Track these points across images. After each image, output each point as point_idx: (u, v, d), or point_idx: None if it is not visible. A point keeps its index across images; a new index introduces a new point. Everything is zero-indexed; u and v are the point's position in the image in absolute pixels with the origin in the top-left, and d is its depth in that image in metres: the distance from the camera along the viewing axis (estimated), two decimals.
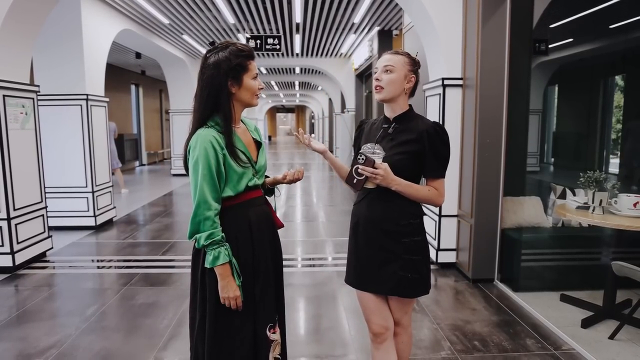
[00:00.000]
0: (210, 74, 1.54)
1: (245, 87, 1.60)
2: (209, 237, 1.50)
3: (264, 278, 1.65)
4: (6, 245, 3.98)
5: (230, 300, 1.54)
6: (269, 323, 1.65)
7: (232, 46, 1.57)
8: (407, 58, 1.70)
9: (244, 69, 1.58)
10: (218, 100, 1.56)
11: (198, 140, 1.52)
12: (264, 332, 1.63)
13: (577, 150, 5.99)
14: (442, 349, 2.66)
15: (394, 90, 1.68)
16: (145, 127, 14.86)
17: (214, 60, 1.55)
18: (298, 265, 4.38)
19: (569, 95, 6.28)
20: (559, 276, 3.59)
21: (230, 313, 1.58)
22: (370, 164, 1.61)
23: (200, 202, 1.50)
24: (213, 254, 1.51)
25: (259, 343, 1.62)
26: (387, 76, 1.67)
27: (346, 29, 8.52)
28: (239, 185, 1.59)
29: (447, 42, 3.91)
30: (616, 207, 2.93)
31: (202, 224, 1.51)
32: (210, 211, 1.51)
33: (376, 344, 1.78)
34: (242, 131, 1.67)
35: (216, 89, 1.55)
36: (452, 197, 4.04)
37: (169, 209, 7.25)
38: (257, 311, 1.62)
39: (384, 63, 1.69)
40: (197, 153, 1.51)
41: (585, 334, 2.81)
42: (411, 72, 1.70)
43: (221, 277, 1.53)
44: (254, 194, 1.66)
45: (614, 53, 5.31)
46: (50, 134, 5.40)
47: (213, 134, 1.53)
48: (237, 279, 1.56)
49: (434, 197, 1.69)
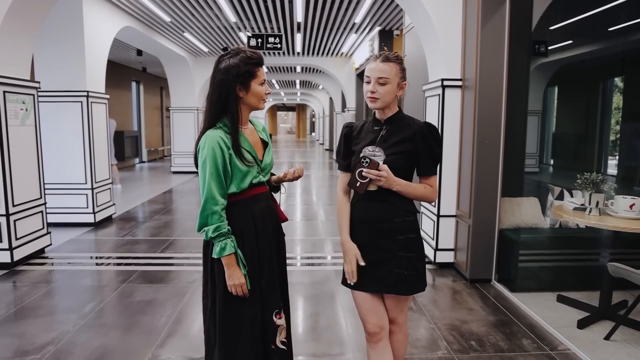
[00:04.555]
0: (221, 79, 1.66)
1: (253, 92, 1.70)
2: (216, 230, 1.62)
3: (269, 267, 1.76)
4: (4, 241, 3.99)
5: (237, 288, 1.66)
6: (275, 309, 1.76)
7: (242, 53, 1.68)
8: (398, 65, 1.71)
9: (252, 75, 1.68)
10: (227, 103, 1.67)
11: (207, 140, 1.64)
12: (270, 318, 1.74)
13: (576, 151, 6.00)
14: (439, 349, 2.67)
15: (388, 100, 1.72)
16: (146, 124, 14.87)
17: (225, 66, 1.66)
18: (297, 264, 4.39)
19: (568, 97, 6.29)
20: (555, 277, 3.61)
21: (239, 300, 1.69)
22: (375, 167, 1.64)
23: (208, 197, 1.62)
24: (220, 245, 1.63)
25: (267, 328, 1.74)
26: (382, 88, 1.69)
27: (347, 28, 8.53)
28: (243, 182, 1.69)
29: (446, 43, 3.92)
30: (613, 209, 2.94)
31: (209, 218, 1.63)
32: (217, 206, 1.63)
33: (372, 344, 1.79)
34: (250, 131, 1.78)
35: (225, 93, 1.66)
36: (450, 197, 4.05)
37: (169, 206, 7.27)
38: (264, 298, 1.74)
39: (378, 75, 1.68)
40: (205, 152, 1.63)
41: (581, 334, 2.83)
42: (402, 79, 1.73)
43: (227, 266, 1.65)
44: (258, 190, 1.77)
45: (613, 55, 5.32)
46: (50, 131, 5.41)
47: (220, 135, 1.65)
48: (242, 268, 1.67)
49: (430, 193, 1.75)
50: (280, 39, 7.88)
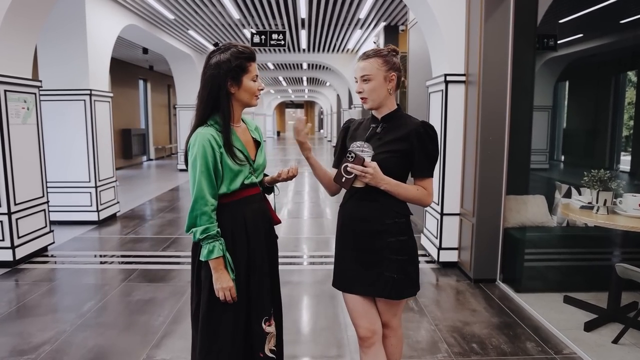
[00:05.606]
0: (211, 74, 1.60)
1: (245, 88, 1.64)
2: (205, 232, 1.56)
3: (260, 272, 1.68)
4: (7, 240, 4.01)
5: (224, 291, 1.58)
6: (265, 316, 1.67)
7: (233, 48, 1.62)
8: (380, 59, 1.64)
9: (244, 70, 1.62)
10: (218, 100, 1.61)
11: (197, 138, 1.58)
12: (259, 325, 1.66)
13: (587, 147, 5.86)
14: (439, 351, 2.60)
15: (379, 97, 1.66)
16: (153, 122, 14.95)
17: (216, 61, 1.60)
18: (304, 263, 4.34)
19: (579, 91, 6.14)
20: (562, 277, 3.51)
21: (223, 307, 1.61)
22: (360, 162, 1.58)
23: (198, 197, 1.56)
24: (208, 248, 1.56)
25: (254, 337, 1.66)
26: (367, 86, 1.64)
27: (352, 24, 8.43)
28: (234, 182, 1.62)
29: (449, 38, 3.82)
30: (621, 207, 2.83)
31: (198, 219, 1.57)
32: (207, 207, 1.56)
33: (364, 348, 1.73)
34: (242, 130, 1.72)
35: (216, 89, 1.60)
36: (454, 195, 3.97)
37: (174, 204, 7.27)
38: (252, 304, 1.66)
39: (360, 73, 1.66)
40: (195, 151, 1.57)
41: (587, 337, 2.73)
42: (389, 71, 1.65)
43: (215, 270, 1.58)
44: (250, 191, 1.70)
45: (625, 49, 5.17)
46: (54, 129, 5.43)
47: (211, 133, 1.58)
48: (230, 272, 1.60)
49: (423, 196, 1.67)
50: (284, 35, 7.82)
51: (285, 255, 4.51)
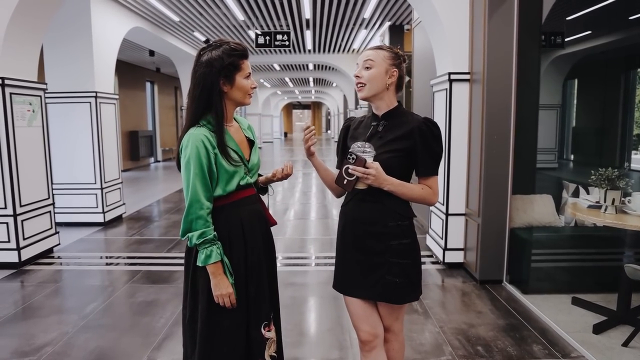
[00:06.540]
0: (203, 72, 1.55)
1: (238, 87, 1.59)
2: (201, 236, 1.51)
3: (258, 276, 1.63)
4: (12, 241, 4.03)
5: (224, 298, 1.54)
6: (264, 321, 1.63)
7: (225, 45, 1.57)
8: (389, 52, 1.61)
9: (237, 68, 1.57)
10: (210, 99, 1.56)
11: (190, 139, 1.53)
12: (258, 331, 1.62)
13: (597, 145, 5.76)
14: (443, 354, 2.56)
15: (376, 87, 1.60)
16: (161, 123, 15.02)
17: (207, 59, 1.55)
18: (309, 264, 4.31)
19: (588, 89, 6.04)
20: (570, 278, 3.43)
21: (223, 313, 1.56)
22: (361, 164, 1.52)
23: (193, 201, 1.51)
24: (205, 253, 1.51)
25: (254, 342, 1.62)
26: (367, 72, 1.60)
27: (357, 24, 8.40)
28: (230, 184, 1.58)
29: (453, 36, 3.78)
30: (630, 207, 2.76)
31: (194, 223, 1.51)
32: (203, 210, 1.52)
33: (365, 352, 1.68)
34: (234, 130, 1.67)
35: (208, 88, 1.55)
36: (459, 195, 3.91)
37: (180, 205, 7.28)
38: (252, 310, 1.62)
39: (364, 58, 1.61)
40: (189, 152, 1.52)
41: (596, 340, 2.67)
42: (393, 66, 1.61)
43: (213, 275, 1.53)
44: (246, 192, 1.66)
45: (635, 45, 5.07)
46: (60, 131, 5.46)
47: (205, 133, 1.53)
48: (229, 277, 1.56)
49: (428, 196, 1.61)
50: (289, 36, 7.81)
51: (290, 256, 4.49)
